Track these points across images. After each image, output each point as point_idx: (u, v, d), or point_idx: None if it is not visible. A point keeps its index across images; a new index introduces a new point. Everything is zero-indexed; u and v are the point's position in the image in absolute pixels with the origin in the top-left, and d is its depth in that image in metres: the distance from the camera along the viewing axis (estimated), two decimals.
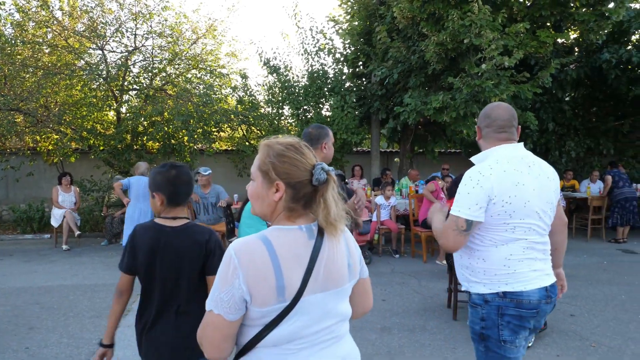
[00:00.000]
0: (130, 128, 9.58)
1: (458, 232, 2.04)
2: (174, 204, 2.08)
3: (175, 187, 2.06)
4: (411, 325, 4.63)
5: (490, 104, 2.29)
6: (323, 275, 1.32)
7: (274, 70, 10.18)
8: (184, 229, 2.06)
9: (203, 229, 2.10)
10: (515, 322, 2.05)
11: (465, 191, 2.06)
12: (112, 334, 2.26)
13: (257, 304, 1.25)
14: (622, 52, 8.55)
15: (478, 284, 2.13)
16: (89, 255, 8.04)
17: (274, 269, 1.25)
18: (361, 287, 1.50)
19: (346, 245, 1.41)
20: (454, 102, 7.47)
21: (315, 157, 1.38)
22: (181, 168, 2.10)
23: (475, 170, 2.10)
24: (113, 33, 10.08)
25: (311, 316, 1.30)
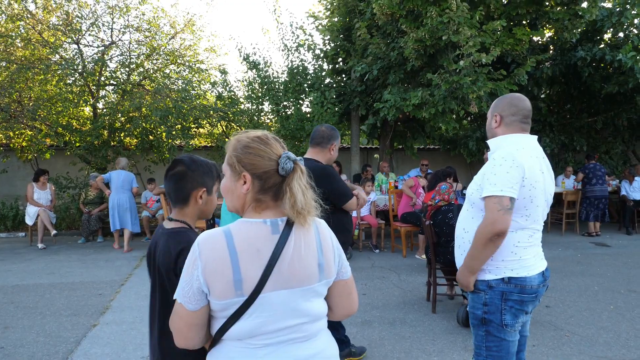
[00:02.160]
0: (107, 124, 9.41)
1: (504, 211, 2.01)
2: (171, 202, 1.83)
3: (166, 183, 1.82)
4: (391, 319, 4.68)
5: (511, 95, 2.35)
6: (287, 272, 1.29)
7: (253, 65, 10.12)
8: (171, 234, 1.72)
9: (183, 239, 1.66)
10: (517, 306, 2.15)
11: (504, 170, 2.05)
12: None
13: (216, 296, 1.25)
14: (595, 50, 8.76)
15: (483, 271, 2.19)
16: (65, 254, 7.90)
17: (232, 263, 1.24)
18: (341, 289, 1.43)
19: (318, 243, 1.36)
20: (432, 99, 7.55)
21: (284, 148, 1.39)
22: (175, 162, 1.81)
23: (507, 151, 2.13)
24: (89, 27, 9.87)
25: (273, 313, 1.28)
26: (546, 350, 3.92)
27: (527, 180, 2.08)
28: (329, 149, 3.12)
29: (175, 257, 1.66)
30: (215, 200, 1.88)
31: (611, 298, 5.33)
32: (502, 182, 2.03)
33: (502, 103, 2.32)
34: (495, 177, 2.05)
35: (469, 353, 3.83)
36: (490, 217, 2.02)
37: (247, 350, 1.30)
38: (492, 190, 2.04)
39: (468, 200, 2.32)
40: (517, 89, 7.85)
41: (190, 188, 1.79)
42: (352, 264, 6.93)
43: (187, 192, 1.79)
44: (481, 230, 2.06)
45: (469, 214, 2.30)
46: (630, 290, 5.59)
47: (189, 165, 1.79)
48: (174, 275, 1.65)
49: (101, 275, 6.49)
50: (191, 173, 1.78)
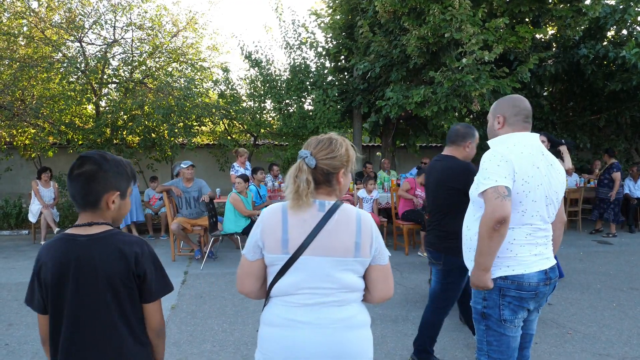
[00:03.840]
0: (110, 122, 9.43)
1: (501, 198, 2.04)
2: (76, 206, 1.58)
3: (70, 183, 1.55)
4: (394, 316, 4.69)
5: (511, 96, 2.41)
6: (326, 242, 1.58)
7: (255, 63, 10.13)
8: (108, 238, 1.53)
9: (134, 240, 1.56)
10: (515, 302, 2.19)
11: (494, 165, 2.12)
12: None
13: (268, 250, 1.61)
14: (598, 47, 8.74)
15: None
16: None
17: (282, 226, 1.60)
18: (378, 272, 1.68)
19: (358, 226, 1.62)
20: (435, 97, 7.55)
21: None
22: (82, 159, 1.53)
23: (494, 150, 2.20)
24: (91, 25, 9.89)
25: (311, 273, 1.59)
26: (548, 347, 3.93)
27: (518, 175, 2.12)
28: (464, 147, 3.23)
29: (133, 260, 1.51)
30: (128, 204, 1.65)
31: (613, 296, 5.33)
32: (495, 174, 2.09)
33: (504, 104, 2.36)
34: (487, 172, 2.12)
35: (471, 350, 3.85)
36: (489, 207, 2.05)
37: (288, 308, 1.61)
38: (486, 183, 2.09)
39: (471, 198, 2.38)
40: (519, 87, 7.84)
41: (101, 191, 1.53)
42: None
43: (98, 195, 1.53)
44: (483, 223, 2.08)
45: (471, 211, 2.37)
46: (632, 288, 5.59)
47: (101, 164, 1.52)
48: (135, 279, 1.52)
49: None
50: (103, 173, 1.52)
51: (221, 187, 9.47)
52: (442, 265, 3.29)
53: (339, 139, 1.72)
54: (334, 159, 1.66)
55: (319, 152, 1.67)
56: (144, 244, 1.58)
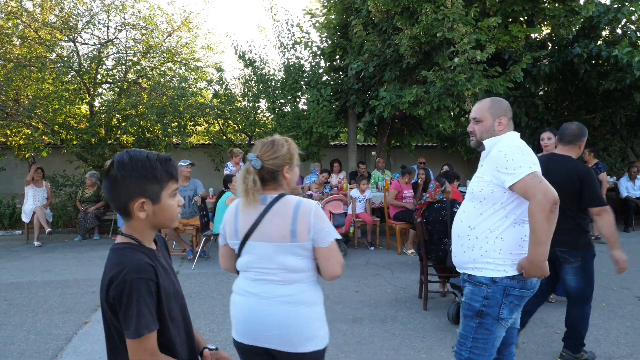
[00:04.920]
0: (104, 122, 9.41)
1: (544, 182, 2.08)
2: None
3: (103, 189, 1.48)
4: (382, 316, 4.68)
5: (499, 98, 2.48)
6: (265, 230, 1.86)
7: (249, 63, 10.11)
8: (112, 252, 1.44)
9: (119, 262, 1.36)
10: (516, 302, 2.23)
11: (519, 154, 2.16)
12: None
13: (228, 237, 1.99)
14: (592, 46, 8.72)
15: (488, 265, 2.24)
16: (61, 251, 7.92)
17: (235, 218, 1.95)
18: (320, 254, 1.87)
19: (295, 215, 1.84)
20: (427, 96, 7.53)
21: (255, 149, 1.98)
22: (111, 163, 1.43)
23: (509, 144, 2.25)
24: (85, 25, 9.86)
25: (257, 256, 1.89)
26: (535, 347, 3.92)
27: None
28: (579, 146, 3.38)
29: (106, 285, 1.34)
30: (170, 206, 1.46)
31: (604, 295, 5.31)
32: (527, 162, 2.12)
33: (502, 106, 2.42)
34: (515, 162, 2.12)
35: None
36: (538, 192, 2.03)
37: (246, 281, 1.95)
38: (520, 172, 2.09)
39: (473, 197, 2.35)
40: (512, 86, 7.83)
41: (125, 199, 1.39)
42: (347, 261, 6.89)
43: (122, 203, 1.40)
44: (538, 210, 2.04)
45: (475, 210, 2.33)
46: (623, 288, 5.58)
47: (120, 168, 1.37)
48: (106, 305, 1.36)
49: (96, 272, 6.49)
50: (122, 180, 1.37)
51: (215, 187, 9.47)
52: (580, 262, 3.38)
53: (281, 139, 1.97)
54: (277, 158, 1.90)
55: (264, 154, 1.90)
56: (125, 269, 1.32)
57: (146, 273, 1.35)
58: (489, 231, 2.25)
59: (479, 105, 2.48)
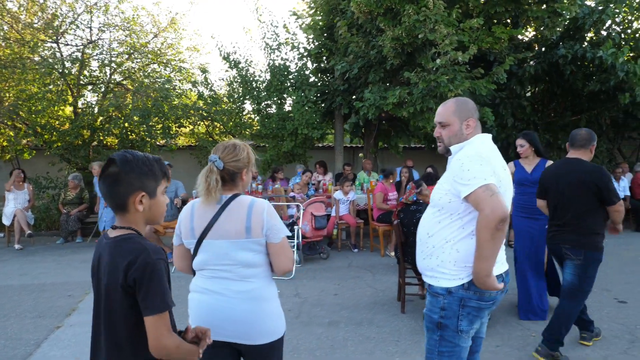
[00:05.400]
0: (86, 123, 9.31)
1: (495, 195, 1.94)
2: (112, 209, 1.61)
3: (100, 186, 1.58)
4: (359, 319, 4.63)
5: (466, 99, 2.32)
6: (221, 228, 1.96)
7: (234, 64, 10.05)
8: (116, 243, 1.51)
9: (133, 247, 1.47)
10: (474, 313, 2.13)
11: (476, 164, 2.03)
12: None
13: (184, 236, 2.07)
14: (577, 48, 8.71)
15: (444, 275, 2.14)
16: (42, 255, 7.82)
17: (190, 217, 2.04)
18: (272, 249, 2.00)
19: (249, 213, 1.97)
20: (410, 97, 7.50)
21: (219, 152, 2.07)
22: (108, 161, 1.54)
23: (468, 151, 2.12)
24: (68, 25, 9.75)
25: (213, 253, 1.98)
26: (510, 350, 3.89)
27: (496, 177, 2.04)
28: (590, 149, 3.59)
29: (123, 270, 1.43)
30: (162, 202, 1.60)
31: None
32: (482, 172, 1.99)
33: (469, 107, 2.28)
34: (471, 172, 2.01)
35: None
36: (487, 207, 1.92)
37: (203, 279, 2.03)
38: (473, 183, 1.98)
39: (434, 204, 2.25)
40: (495, 88, 7.81)
41: (125, 193, 1.51)
42: (329, 264, 6.89)
43: (123, 198, 1.52)
44: (483, 225, 1.94)
45: (434, 218, 2.23)
46: (603, 289, 5.56)
47: (122, 165, 1.50)
48: (122, 291, 1.44)
49: (74, 276, 6.41)
50: (124, 175, 1.49)
51: None
52: (582, 260, 3.54)
53: (241, 144, 2.10)
54: (238, 162, 2.03)
55: (226, 156, 2.02)
56: (143, 252, 1.44)
57: (162, 254, 1.51)
58: (445, 241, 2.15)
59: (443, 108, 2.32)
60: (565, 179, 3.61)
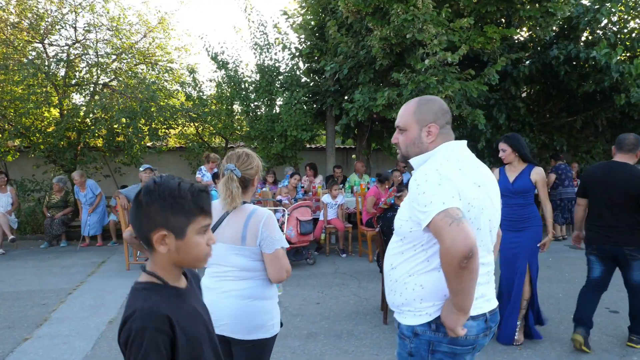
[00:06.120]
0: (71, 126, 9.13)
1: (457, 221, 1.54)
2: None
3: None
4: (339, 331, 4.46)
5: (432, 98, 1.95)
6: (222, 233, 2.11)
7: (222, 65, 9.86)
8: (132, 292, 1.31)
9: (133, 304, 1.25)
10: (447, 359, 1.77)
11: (434, 184, 1.65)
12: None
13: None
14: (570, 48, 8.52)
15: (410, 312, 1.81)
16: (23, 259, 7.64)
17: None
18: (266, 258, 2.11)
19: (247, 222, 2.11)
20: (400, 99, 7.31)
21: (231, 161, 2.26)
22: (142, 187, 1.31)
23: (428, 168, 1.75)
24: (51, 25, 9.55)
25: (215, 254, 2.09)
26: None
27: (463, 199, 1.67)
28: (636, 155, 3.78)
29: (120, 326, 1.23)
30: (196, 244, 1.29)
31: (574, 306, 5.06)
32: (440, 196, 1.61)
33: (433, 109, 1.88)
34: (427, 196, 1.64)
35: None
36: (446, 239, 1.54)
37: (207, 277, 2.20)
38: (431, 210, 1.60)
39: (397, 232, 1.90)
40: (486, 89, 7.62)
41: (146, 228, 1.26)
42: (315, 270, 6.71)
43: (143, 233, 1.27)
44: (444, 261, 1.58)
45: (397, 247, 1.89)
46: None
47: (145, 194, 1.26)
48: (122, 348, 1.23)
49: (52, 282, 6.24)
50: (145, 207, 1.25)
51: None
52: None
53: (252, 154, 2.29)
54: (252, 169, 2.24)
55: (241, 164, 2.21)
56: (134, 314, 1.20)
57: (156, 323, 1.20)
58: (408, 275, 1.80)
59: (403, 109, 1.95)
60: (618, 183, 3.74)
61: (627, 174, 3.71)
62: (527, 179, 3.91)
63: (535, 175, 3.92)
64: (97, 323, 4.75)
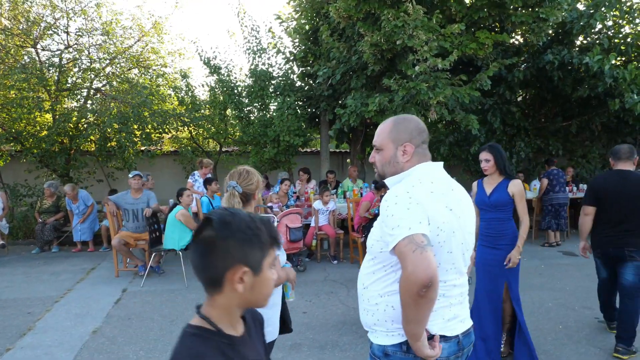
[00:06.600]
0: (63, 130, 9.10)
1: (420, 249, 1.53)
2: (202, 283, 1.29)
3: (190, 253, 1.33)
4: (324, 342, 4.42)
5: (409, 117, 1.94)
6: None
7: (215, 70, 9.84)
8: (182, 337, 1.20)
9: (179, 351, 1.15)
10: None
11: (403, 208, 1.64)
12: None
13: None
14: (564, 53, 8.49)
15: (382, 332, 1.78)
16: (12, 266, 7.60)
17: None
18: None
19: None
20: (391, 105, 7.27)
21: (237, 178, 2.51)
22: (204, 222, 1.20)
23: (399, 190, 1.72)
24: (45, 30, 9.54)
25: None
26: None
27: (432, 223, 1.67)
28: (633, 162, 4.06)
29: None
30: (269, 280, 1.21)
31: (563, 316, 5.07)
32: (406, 220, 1.61)
33: (408, 128, 1.88)
34: (394, 219, 1.63)
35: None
36: (408, 266, 1.53)
37: None
38: (397, 233, 1.59)
39: (369, 251, 1.88)
40: (478, 95, 7.58)
41: (222, 266, 1.15)
42: (305, 277, 6.66)
43: (219, 272, 1.16)
44: (403, 287, 1.56)
45: (369, 267, 1.86)
46: (584, 307, 5.34)
47: (220, 228, 1.15)
48: None
49: (39, 290, 6.20)
50: (221, 242, 1.14)
51: None
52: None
53: (252, 170, 2.53)
54: (252, 185, 2.48)
55: (242, 181, 2.45)
56: None
57: None
58: (379, 296, 1.78)
59: (380, 128, 1.96)
60: (627, 189, 3.97)
61: (633, 179, 3.98)
62: (505, 192, 3.71)
63: (513, 188, 3.70)
64: (81, 333, 4.71)
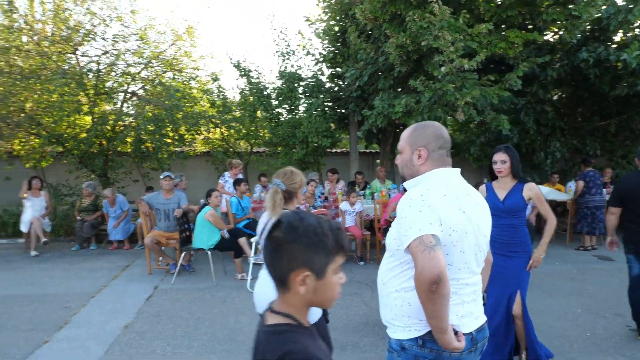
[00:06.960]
0: (100, 133, 9.49)
1: (429, 249, 1.65)
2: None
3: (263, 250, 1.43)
4: (344, 342, 4.47)
5: (429, 123, 2.07)
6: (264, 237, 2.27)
7: (245, 72, 10.03)
8: (269, 335, 1.26)
9: (281, 345, 1.20)
10: None
11: (415, 211, 1.76)
12: None
13: None
14: (600, 50, 8.22)
15: (399, 327, 1.90)
16: (54, 262, 8.00)
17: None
18: None
19: None
20: (417, 106, 7.24)
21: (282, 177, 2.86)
22: (276, 222, 1.28)
23: (413, 193, 1.85)
24: (83, 37, 9.96)
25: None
26: None
27: (445, 224, 1.78)
28: None
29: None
30: (333, 284, 1.25)
31: (592, 323, 4.94)
32: (418, 222, 1.73)
33: (426, 134, 2.01)
34: (408, 221, 1.76)
35: None
36: (418, 265, 1.66)
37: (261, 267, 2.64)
38: (409, 234, 1.71)
39: (388, 249, 2.00)
40: (508, 95, 7.44)
41: (287, 268, 1.22)
42: None
43: (282, 272, 1.24)
44: (417, 285, 1.70)
45: (388, 264, 1.99)
46: (616, 314, 5.18)
47: (287, 231, 1.22)
48: None
49: (77, 286, 6.51)
50: (288, 245, 1.21)
51: None
52: None
53: (296, 171, 2.86)
54: (295, 184, 2.81)
55: (286, 180, 2.77)
56: (287, 356, 1.17)
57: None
58: (396, 291, 1.90)
59: (403, 133, 2.11)
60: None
61: None
62: (520, 196, 3.58)
63: (529, 192, 3.56)
64: (113, 328, 4.93)
